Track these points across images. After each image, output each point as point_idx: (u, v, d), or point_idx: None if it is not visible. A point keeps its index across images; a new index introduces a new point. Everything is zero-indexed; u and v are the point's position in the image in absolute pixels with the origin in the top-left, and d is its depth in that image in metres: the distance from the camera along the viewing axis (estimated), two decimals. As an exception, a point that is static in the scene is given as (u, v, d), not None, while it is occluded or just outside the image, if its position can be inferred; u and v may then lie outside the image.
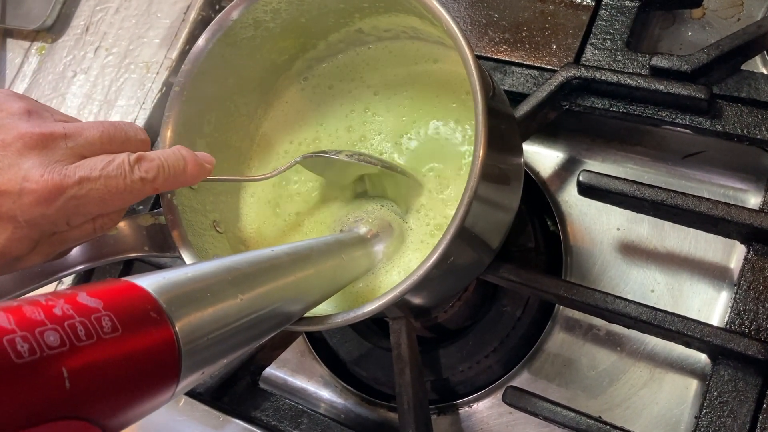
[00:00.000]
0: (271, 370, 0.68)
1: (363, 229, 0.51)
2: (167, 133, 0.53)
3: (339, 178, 0.55)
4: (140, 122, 0.75)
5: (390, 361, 0.57)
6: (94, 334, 0.26)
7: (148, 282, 0.30)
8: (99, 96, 0.78)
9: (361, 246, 0.49)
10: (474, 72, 0.43)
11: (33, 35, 0.86)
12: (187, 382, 0.31)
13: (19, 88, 0.83)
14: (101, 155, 0.44)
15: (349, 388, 0.65)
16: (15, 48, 0.86)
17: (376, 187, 0.55)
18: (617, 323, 0.55)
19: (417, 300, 0.49)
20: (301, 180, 0.58)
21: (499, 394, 0.61)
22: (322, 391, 0.67)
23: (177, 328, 0.29)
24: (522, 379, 0.61)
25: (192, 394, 0.61)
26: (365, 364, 0.65)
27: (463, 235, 0.44)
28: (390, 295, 0.43)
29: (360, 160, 0.51)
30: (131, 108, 0.76)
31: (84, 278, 0.70)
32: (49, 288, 0.70)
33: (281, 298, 0.39)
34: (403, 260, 0.52)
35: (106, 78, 0.79)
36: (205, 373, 0.32)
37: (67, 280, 0.70)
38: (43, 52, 0.84)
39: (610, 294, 0.52)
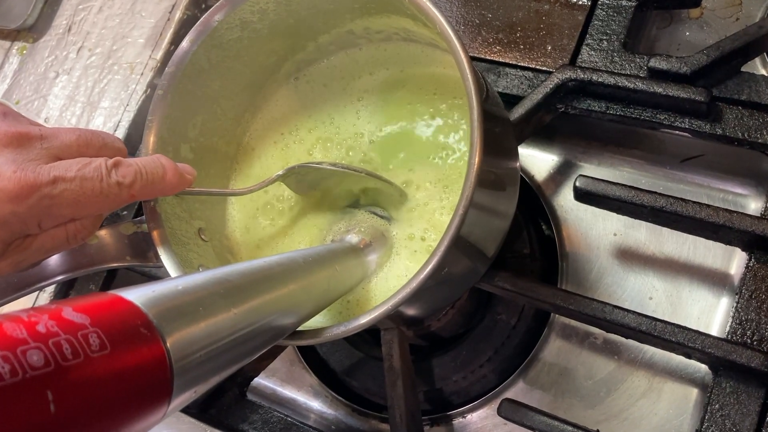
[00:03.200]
0: (260, 380, 0.66)
1: (355, 239, 0.49)
2: (150, 138, 0.51)
3: (324, 194, 0.54)
4: (124, 124, 0.73)
5: (382, 371, 0.56)
6: (82, 352, 0.24)
7: (137, 295, 0.28)
8: (82, 98, 0.76)
9: (354, 256, 0.48)
10: (469, 75, 0.41)
11: (14, 35, 0.84)
12: (179, 401, 0.29)
13: (0, 89, 0.81)
14: (78, 158, 0.42)
15: (340, 398, 0.64)
16: (-5, 48, 0.83)
17: (366, 196, 0.53)
18: (616, 333, 0.53)
19: (410, 311, 0.48)
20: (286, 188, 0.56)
21: (494, 405, 0.59)
22: (312, 401, 0.65)
23: (168, 345, 0.27)
24: (517, 389, 0.60)
25: (178, 406, 0.59)
26: (356, 374, 0.63)
27: (459, 244, 0.42)
28: (383, 307, 0.42)
29: (344, 168, 0.49)
30: (115, 110, 0.74)
31: (64, 290, 0.68)
32: (28, 300, 0.68)
33: (274, 311, 0.38)
34: (395, 270, 0.50)
35: (89, 79, 0.77)
36: (197, 392, 0.31)
37: (47, 293, 0.68)
38: (24, 52, 0.82)
39: (608, 303, 0.51)
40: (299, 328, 0.44)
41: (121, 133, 0.73)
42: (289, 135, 0.59)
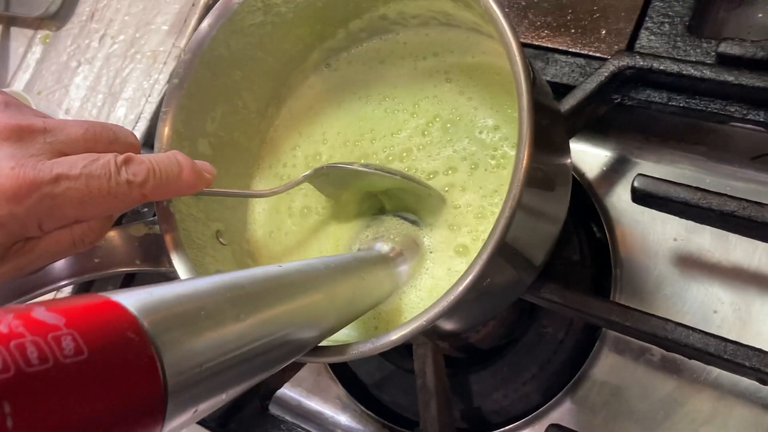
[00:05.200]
0: (284, 391, 0.62)
1: (386, 248, 0.44)
2: (165, 131, 0.46)
3: (352, 195, 0.49)
4: (146, 116, 0.69)
5: (414, 385, 0.51)
6: (50, 357, 0.19)
7: (130, 298, 0.24)
8: (103, 88, 0.72)
9: (384, 266, 0.43)
10: (518, 59, 0.36)
11: (37, 23, 0.81)
12: (176, 423, 0.24)
13: (23, 79, 0.78)
14: (84, 153, 0.38)
15: (369, 413, 0.59)
16: (19, 37, 0.81)
17: (393, 200, 0.48)
18: (678, 354, 0.48)
19: (447, 326, 0.43)
20: (313, 189, 0.51)
21: (538, 426, 0.54)
22: (339, 415, 0.60)
23: (163, 355, 0.23)
24: (564, 410, 0.54)
25: (196, 418, 0.56)
26: (387, 388, 0.58)
27: (504, 252, 0.37)
28: (416, 323, 0.37)
29: (376, 170, 0.44)
30: (136, 101, 0.70)
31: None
32: None
33: (291, 323, 0.33)
34: (429, 280, 0.45)
35: (111, 68, 0.73)
36: (198, 412, 0.26)
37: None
38: (47, 41, 0.79)
39: (670, 321, 0.45)
40: (322, 343, 0.40)
41: (142, 126, 0.69)
42: (317, 130, 0.54)
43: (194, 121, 0.48)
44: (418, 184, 0.45)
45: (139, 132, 0.69)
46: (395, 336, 0.37)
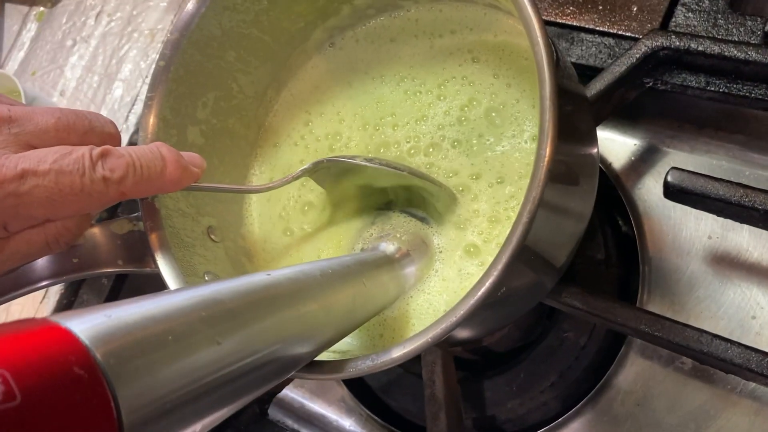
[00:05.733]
0: (287, 392, 0.58)
1: (391, 248, 0.40)
2: (150, 119, 0.43)
3: (355, 189, 0.45)
4: (143, 98, 0.65)
5: (423, 391, 0.47)
6: None
7: (83, 323, 0.20)
8: (99, 68, 0.69)
9: (389, 268, 0.39)
10: (540, 40, 0.31)
11: (32, -1, 0.77)
12: None
13: (17, 58, 0.74)
14: (56, 146, 0.34)
15: (375, 417, 0.55)
16: (13, 13, 0.77)
17: (402, 197, 0.44)
18: (714, 368, 0.43)
19: (458, 335, 0.39)
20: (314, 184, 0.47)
21: (556, 437, 0.50)
22: (344, 419, 0.57)
23: (118, 392, 0.19)
24: (585, 421, 0.50)
25: (191, 423, 0.52)
26: (394, 392, 0.55)
27: (523, 256, 0.33)
28: (420, 340, 0.33)
29: (382, 165, 0.40)
30: (133, 82, 0.66)
31: (70, 293, 0.62)
32: (21, 309, 0.62)
33: (280, 339, 0.29)
34: (438, 285, 0.41)
35: (108, 47, 0.69)
36: None
37: (51, 300, 0.61)
38: (42, 18, 0.75)
39: (705, 332, 0.41)
40: (317, 358, 0.36)
41: (139, 108, 0.65)
42: (320, 116, 0.50)
43: (183, 108, 0.44)
44: (428, 181, 0.41)
45: (135, 116, 0.65)
46: (397, 354, 0.33)
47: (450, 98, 0.46)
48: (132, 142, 0.67)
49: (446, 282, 0.42)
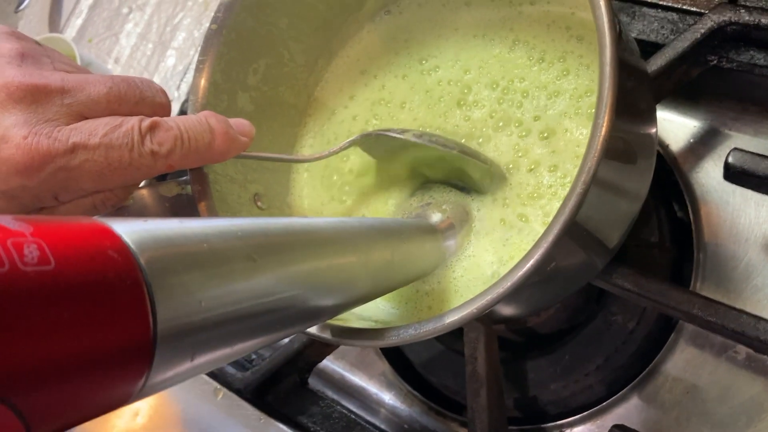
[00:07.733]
0: (327, 363, 0.58)
1: (435, 217, 0.39)
2: (201, 83, 0.43)
3: (402, 161, 0.44)
4: (194, 67, 0.66)
5: (464, 369, 0.46)
6: (7, 261, 0.16)
7: (120, 223, 0.20)
8: (153, 36, 0.69)
9: (431, 237, 0.38)
10: (603, 10, 0.30)
11: (91, -33, 0.78)
12: (167, 375, 0.20)
13: (75, 25, 0.76)
14: (106, 117, 0.35)
15: (415, 393, 0.55)
16: (72, -19, 0.78)
17: (440, 172, 0.43)
18: (771, 357, 0.42)
19: (503, 312, 0.38)
20: (359, 153, 0.47)
21: (599, 421, 0.49)
22: (383, 393, 0.57)
23: (150, 279, 0.19)
24: (630, 406, 0.49)
25: (231, 387, 0.53)
26: (435, 368, 0.54)
27: (574, 232, 0.32)
28: (467, 309, 0.32)
29: (431, 142, 0.39)
30: (186, 51, 0.67)
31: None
32: None
33: (314, 283, 0.28)
34: (481, 257, 0.40)
35: (162, 15, 0.70)
36: (195, 362, 0.22)
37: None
38: (100, -15, 0.76)
39: (763, 319, 0.39)
40: (357, 325, 0.35)
41: (190, 77, 0.65)
42: (372, 86, 0.49)
43: (234, 73, 0.44)
44: (477, 161, 0.40)
45: (186, 84, 0.66)
46: (440, 323, 0.33)
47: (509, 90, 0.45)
48: (183, 111, 0.68)
49: (494, 254, 0.41)
